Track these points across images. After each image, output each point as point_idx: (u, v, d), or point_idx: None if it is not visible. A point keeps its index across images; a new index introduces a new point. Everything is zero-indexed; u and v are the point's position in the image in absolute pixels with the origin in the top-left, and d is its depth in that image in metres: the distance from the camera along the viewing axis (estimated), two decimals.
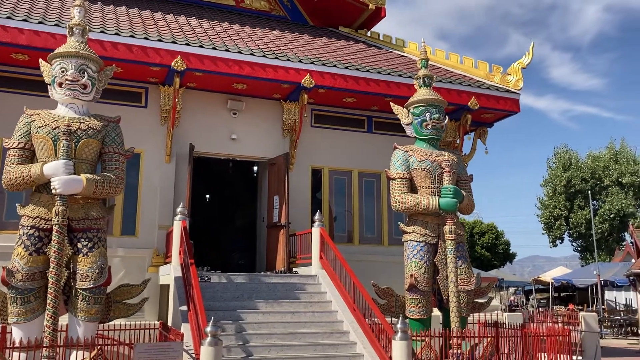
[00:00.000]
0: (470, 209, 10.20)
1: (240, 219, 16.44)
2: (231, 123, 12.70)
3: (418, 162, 9.95)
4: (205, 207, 16.85)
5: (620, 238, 38.99)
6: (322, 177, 13.44)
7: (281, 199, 12.16)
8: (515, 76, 14.07)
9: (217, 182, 16.97)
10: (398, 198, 9.83)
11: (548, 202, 41.05)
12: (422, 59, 10.79)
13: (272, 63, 11.82)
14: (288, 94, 12.71)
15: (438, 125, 10.20)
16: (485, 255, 43.74)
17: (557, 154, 41.94)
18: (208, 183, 16.70)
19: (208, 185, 16.91)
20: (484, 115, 14.21)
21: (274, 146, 12.93)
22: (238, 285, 9.85)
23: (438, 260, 9.65)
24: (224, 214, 16.99)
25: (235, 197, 16.82)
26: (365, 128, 14.01)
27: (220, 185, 17.17)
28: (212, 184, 17.02)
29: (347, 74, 12.40)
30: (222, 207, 17.19)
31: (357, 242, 13.47)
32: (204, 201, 17.12)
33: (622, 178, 38.01)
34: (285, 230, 11.89)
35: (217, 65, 11.44)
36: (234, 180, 16.77)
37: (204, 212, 16.25)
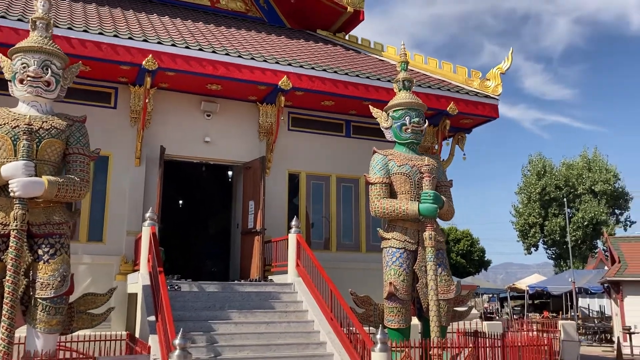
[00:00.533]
0: (450, 214, 9.97)
1: (214, 225, 15.99)
2: (205, 125, 12.28)
3: (397, 167, 9.69)
4: (177, 213, 16.37)
5: (593, 246, 39.45)
6: (300, 182, 13.09)
7: (257, 204, 11.77)
8: (494, 82, 13.95)
9: (190, 186, 16.51)
10: (377, 203, 9.54)
11: (523, 210, 41.35)
12: (402, 61, 10.57)
13: (247, 64, 11.45)
14: (264, 96, 12.35)
15: (418, 129, 9.96)
16: (461, 262, 43.78)
17: (532, 162, 42.33)
18: (180, 188, 16.23)
19: (180, 190, 16.43)
20: (463, 121, 14.05)
21: (249, 150, 12.55)
22: (210, 295, 9.42)
23: (417, 267, 9.38)
24: (197, 220, 16.52)
25: (209, 203, 16.35)
26: (343, 132, 13.72)
27: (193, 190, 16.70)
28: (184, 188, 16.56)
29: (325, 77, 12.09)
30: (195, 212, 16.71)
31: (335, 248, 13.14)
32: (176, 206, 16.63)
33: (595, 186, 38.51)
34: (261, 237, 11.50)
35: (190, 65, 11.02)
36: (207, 184, 16.30)
37: (175, 218, 15.78)
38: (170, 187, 14.28)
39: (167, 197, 13.66)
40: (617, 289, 20.14)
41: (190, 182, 16.26)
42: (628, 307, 19.62)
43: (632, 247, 20.76)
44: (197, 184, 16.49)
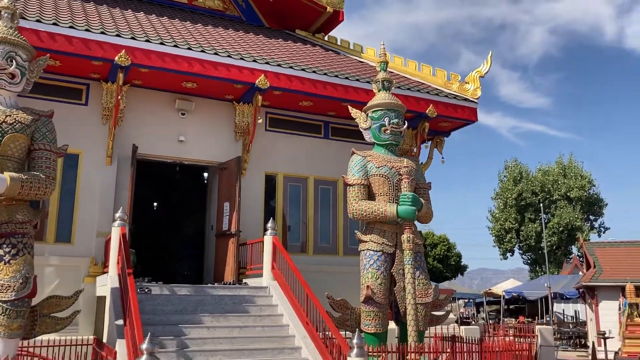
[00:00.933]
0: (428, 217, 9.82)
1: (188, 227, 15.62)
2: (179, 124, 11.98)
3: (376, 168, 9.50)
4: (150, 214, 15.96)
5: (568, 251, 39.87)
6: (277, 184, 12.85)
7: (232, 206, 11.49)
8: (473, 85, 13.90)
9: (164, 187, 16.12)
10: (355, 205, 9.34)
11: (499, 215, 41.61)
12: (381, 61, 10.39)
13: (224, 61, 11.20)
14: (241, 95, 12.09)
15: (397, 130, 9.78)
16: (437, 267, 43.91)
17: (508, 167, 42.67)
18: (154, 188, 15.83)
19: (154, 190, 16.03)
20: (442, 124, 13.97)
21: (225, 150, 12.27)
22: (182, 298, 9.12)
23: (395, 270, 9.19)
24: (171, 221, 16.13)
25: (183, 204, 15.99)
26: (322, 134, 13.52)
27: (167, 191, 16.31)
28: (158, 189, 16.16)
29: (304, 76, 11.89)
30: (169, 214, 16.32)
31: (312, 251, 12.91)
32: (149, 208, 16.22)
33: (570, 192, 38.94)
34: (236, 239, 11.22)
35: (165, 62, 10.73)
36: (182, 185, 15.94)
37: (149, 220, 15.37)
38: (144, 188, 13.92)
39: (140, 198, 13.30)
40: (592, 294, 20.26)
41: (165, 183, 15.88)
42: (603, 312, 19.73)
43: (606, 253, 20.93)
44: (172, 185, 16.11)
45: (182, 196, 16.03)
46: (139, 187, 12.33)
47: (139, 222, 13.83)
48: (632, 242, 21.47)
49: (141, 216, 13.98)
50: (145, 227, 14.60)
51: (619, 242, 21.59)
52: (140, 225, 14.16)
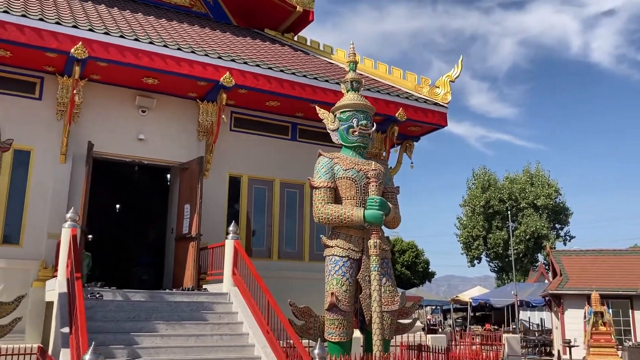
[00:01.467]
0: (396, 222, 9.52)
1: (148, 230, 15.04)
2: (139, 122, 11.45)
3: (343, 171, 9.18)
4: (108, 216, 15.28)
5: (534, 259, 40.25)
6: (241, 186, 12.40)
7: (193, 208, 11.01)
8: (443, 89, 13.71)
9: (123, 188, 15.48)
10: (321, 208, 8.98)
11: (467, 222, 41.81)
12: (351, 61, 10.10)
13: (187, 57, 10.73)
14: (205, 93, 11.64)
15: (365, 132, 9.48)
16: (405, 273, 43.86)
17: (476, 175, 42.95)
18: (113, 189, 15.19)
19: (113, 191, 15.38)
20: (411, 128, 13.73)
21: (187, 150, 11.77)
22: (135, 304, 8.60)
23: (361, 277, 8.86)
24: (131, 224, 15.51)
25: (144, 206, 15.40)
26: (289, 135, 13.14)
27: (127, 192, 15.68)
28: (117, 190, 15.51)
29: (271, 75, 11.51)
30: (128, 216, 15.69)
31: (276, 257, 12.49)
32: (107, 209, 15.50)
33: (537, 200, 39.36)
34: (196, 243, 10.74)
35: (125, 56, 10.22)
36: (143, 186, 15.34)
37: (107, 222, 14.75)
38: (102, 189, 13.31)
39: (98, 200, 12.72)
40: (558, 302, 20.32)
41: (124, 184, 15.26)
42: (568, 320, 19.80)
43: (573, 261, 21.05)
44: (132, 186, 15.49)
45: (143, 198, 15.44)
46: (97, 188, 11.77)
47: (96, 224, 13.23)
48: (597, 250, 21.67)
49: (98, 218, 13.41)
50: (102, 229, 14.01)
51: (585, 251, 21.76)
52: (97, 227, 13.55)
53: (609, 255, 21.04)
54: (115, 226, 15.15)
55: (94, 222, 12.73)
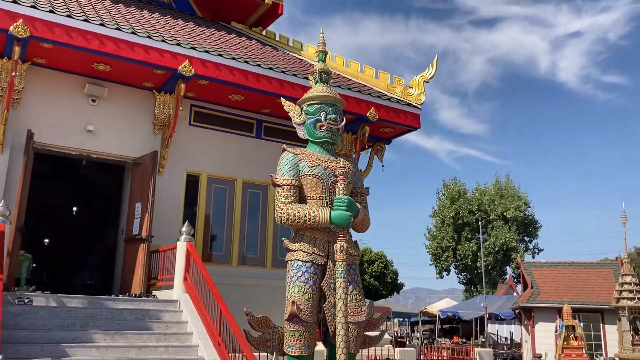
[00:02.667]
0: (365, 225, 8.74)
1: (99, 231, 13.96)
2: (88, 112, 10.48)
3: (309, 168, 8.36)
4: (54, 215, 14.08)
5: (503, 271, 40.06)
6: (200, 185, 11.50)
7: (144, 207, 10.07)
8: (417, 89, 13.10)
9: (73, 185, 14.35)
10: (283, 208, 8.15)
11: (436, 233, 41.44)
12: (320, 51, 9.31)
13: (143, 42, 9.85)
14: (163, 84, 10.75)
15: (334, 127, 8.68)
16: (374, 284, 43.15)
17: (446, 186, 42.68)
18: (61, 186, 14.05)
19: (60, 188, 14.21)
20: (383, 130, 13.07)
21: (141, 144, 10.84)
22: (71, 311, 7.63)
23: (326, 284, 8.04)
24: (79, 224, 14.39)
25: (95, 205, 14.32)
26: (253, 133, 12.32)
27: (76, 190, 14.56)
28: (66, 187, 14.37)
29: (234, 66, 10.69)
30: (77, 216, 14.57)
31: (236, 262, 11.61)
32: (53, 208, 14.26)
33: (507, 212, 39.23)
34: (146, 245, 9.79)
35: (72, 37, 9.28)
36: (95, 183, 14.25)
37: (52, 221, 13.61)
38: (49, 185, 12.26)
39: (43, 197, 11.67)
40: (529, 315, 19.85)
41: (74, 181, 14.15)
42: (539, 333, 19.32)
43: (544, 273, 20.64)
44: (84, 183, 14.38)
45: (95, 196, 14.36)
46: (42, 184, 10.77)
47: (40, 223, 12.16)
48: (569, 263, 21.33)
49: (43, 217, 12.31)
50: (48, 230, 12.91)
51: (556, 263, 21.40)
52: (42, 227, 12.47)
53: (580, 267, 20.73)
54: (62, 226, 14.03)
55: (38, 221, 11.68)
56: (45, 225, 13.36)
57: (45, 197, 12.54)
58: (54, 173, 12.90)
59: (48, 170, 12.38)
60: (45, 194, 12.28)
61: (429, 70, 13.23)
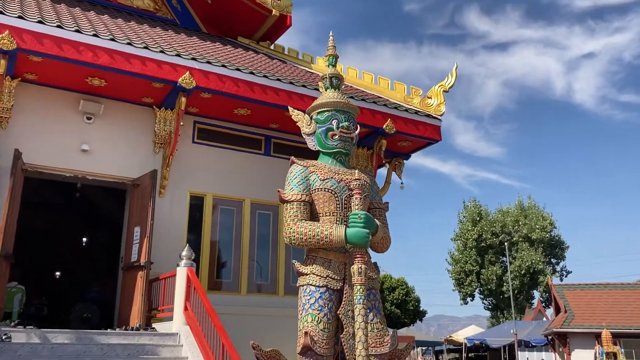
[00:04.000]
0: (385, 244, 7.78)
1: (99, 260, 13.13)
2: (83, 130, 9.77)
3: (320, 181, 7.48)
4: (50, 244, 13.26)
5: (530, 295, 38.39)
6: (204, 207, 10.66)
7: (143, 231, 9.24)
8: (436, 100, 12.23)
9: (70, 210, 13.54)
10: (293, 227, 7.25)
11: (459, 257, 40.00)
12: (330, 55, 8.52)
13: (139, 53, 9.15)
14: (163, 99, 10.03)
15: (347, 136, 7.81)
16: (395, 312, 41.74)
17: (467, 207, 41.37)
18: (57, 211, 13.26)
19: (57, 214, 13.41)
20: (401, 143, 12.19)
21: (141, 164, 10.07)
22: (55, 348, 6.76)
23: (343, 312, 7.07)
24: (79, 253, 13.57)
25: (94, 231, 13.51)
26: (262, 149, 11.51)
27: (74, 215, 13.77)
28: (62, 212, 13.56)
29: (239, 78, 9.94)
30: (75, 243, 13.74)
31: (245, 290, 10.67)
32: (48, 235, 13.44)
33: (532, 234, 37.76)
34: (145, 273, 8.92)
35: (62, 49, 8.61)
36: (94, 208, 13.46)
37: (48, 250, 12.83)
38: (45, 211, 11.51)
39: (40, 223, 10.93)
40: (564, 342, 18.50)
41: (72, 205, 13.38)
42: None
43: (577, 296, 19.33)
44: (82, 208, 13.61)
45: (96, 221, 13.58)
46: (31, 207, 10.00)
47: (36, 252, 11.39)
48: (604, 284, 19.98)
49: (38, 245, 11.54)
50: (46, 259, 12.13)
51: (590, 285, 20.04)
52: (40, 257, 11.70)
53: (617, 289, 19.36)
54: (64, 256, 13.26)
55: (33, 251, 10.91)
56: (46, 255, 12.61)
57: (44, 225, 11.82)
58: (53, 198, 12.17)
59: (47, 195, 11.65)
60: (44, 221, 11.56)
61: (448, 79, 12.38)
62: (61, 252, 13.44)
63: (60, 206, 13.16)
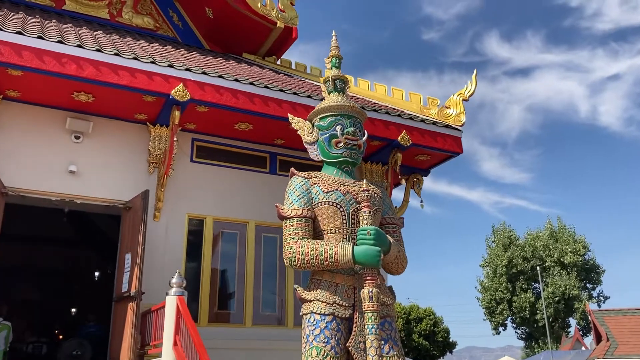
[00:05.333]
0: (401, 264, 6.75)
1: (93, 291, 12.27)
2: (71, 150, 9.04)
3: (324, 194, 6.56)
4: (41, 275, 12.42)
5: (566, 323, 36.35)
6: (204, 231, 9.77)
7: (134, 258, 8.38)
8: (455, 109, 11.29)
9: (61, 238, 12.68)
10: (293, 246, 6.30)
11: (489, 284, 38.25)
12: (333, 56, 7.69)
13: (128, 64, 8.45)
14: (157, 115, 9.28)
15: (353, 143, 6.90)
16: (424, 344, 39.94)
17: (496, 232, 39.74)
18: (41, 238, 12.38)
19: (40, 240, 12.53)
20: (418, 158, 11.23)
21: (134, 185, 9.26)
22: None
23: (353, 344, 6.05)
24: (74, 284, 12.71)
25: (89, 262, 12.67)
26: (267, 168, 10.65)
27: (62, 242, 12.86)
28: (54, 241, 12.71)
29: (238, 89, 9.16)
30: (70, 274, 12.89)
31: (250, 322, 9.68)
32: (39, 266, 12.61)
33: (564, 258, 35.95)
34: (135, 304, 8.01)
35: (44, 62, 7.94)
36: (88, 234, 12.62)
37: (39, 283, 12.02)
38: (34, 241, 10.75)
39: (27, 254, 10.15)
40: None
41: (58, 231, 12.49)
42: None
43: (620, 323, 17.77)
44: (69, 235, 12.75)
45: (90, 250, 12.76)
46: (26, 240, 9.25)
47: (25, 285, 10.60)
48: None
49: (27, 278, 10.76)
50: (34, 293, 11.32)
51: (634, 310, 18.44)
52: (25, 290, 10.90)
53: None
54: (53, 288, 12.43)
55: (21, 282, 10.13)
56: (43, 290, 11.81)
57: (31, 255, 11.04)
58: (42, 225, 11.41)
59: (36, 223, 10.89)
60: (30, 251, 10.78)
61: (468, 87, 11.43)
62: (58, 285, 12.66)
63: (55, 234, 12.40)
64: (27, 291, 12.16)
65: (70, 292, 12.93)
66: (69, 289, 12.82)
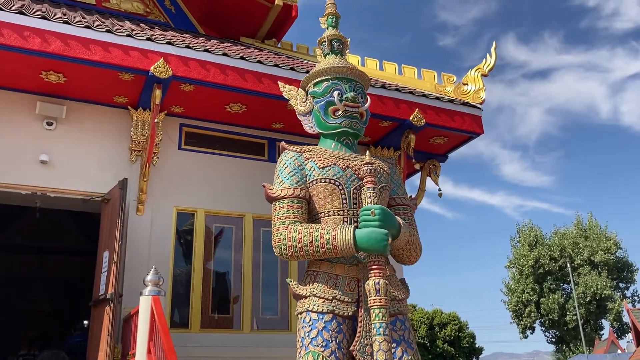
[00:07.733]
0: (414, 251, 5.62)
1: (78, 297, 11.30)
2: (42, 138, 8.10)
3: (319, 170, 5.48)
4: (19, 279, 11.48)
5: (599, 325, 34.60)
6: (195, 225, 8.75)
7: (111, 256, 7.38)
8: (474, 85, 10.15)
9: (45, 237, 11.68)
10: (283, 232, 5.24)
11: (515, 286, 36.65)
12: (329, 14, 6.66)
13: (100, 38, 7.50)
14: (139, 97, 8.31)
15: (354, 110, 5.81)
16: (449, 350, 38.44)
17: (521, 231, 38.13)
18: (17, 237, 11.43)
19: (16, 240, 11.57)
20: (434, 140, 10.10)
21: (115, 176, 8.23)
22: None
23: (358, 347, 4.95)
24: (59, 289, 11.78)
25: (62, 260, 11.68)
26: (265, 155, 9.62)
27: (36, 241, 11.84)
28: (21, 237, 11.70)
29: (227, 64, 8.16)
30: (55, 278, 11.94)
31: (248, 327, 8.60)
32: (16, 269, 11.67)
33: (595, 256, 34.26)
34: (112, 308, 7.01)
35: (2, 35, 7.02)
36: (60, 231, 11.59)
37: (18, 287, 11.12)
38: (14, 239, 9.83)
39: None
40: None
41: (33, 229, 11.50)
42: None
43: None
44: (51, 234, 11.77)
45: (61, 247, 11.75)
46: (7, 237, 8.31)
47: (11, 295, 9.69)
48: None
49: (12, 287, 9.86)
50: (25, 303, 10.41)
51: None
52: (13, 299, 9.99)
53: None
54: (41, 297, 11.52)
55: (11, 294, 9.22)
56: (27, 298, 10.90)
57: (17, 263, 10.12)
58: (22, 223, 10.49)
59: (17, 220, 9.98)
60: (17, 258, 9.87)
61: (487, 61, 10.32)
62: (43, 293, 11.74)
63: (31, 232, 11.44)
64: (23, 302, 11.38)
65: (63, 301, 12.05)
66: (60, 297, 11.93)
